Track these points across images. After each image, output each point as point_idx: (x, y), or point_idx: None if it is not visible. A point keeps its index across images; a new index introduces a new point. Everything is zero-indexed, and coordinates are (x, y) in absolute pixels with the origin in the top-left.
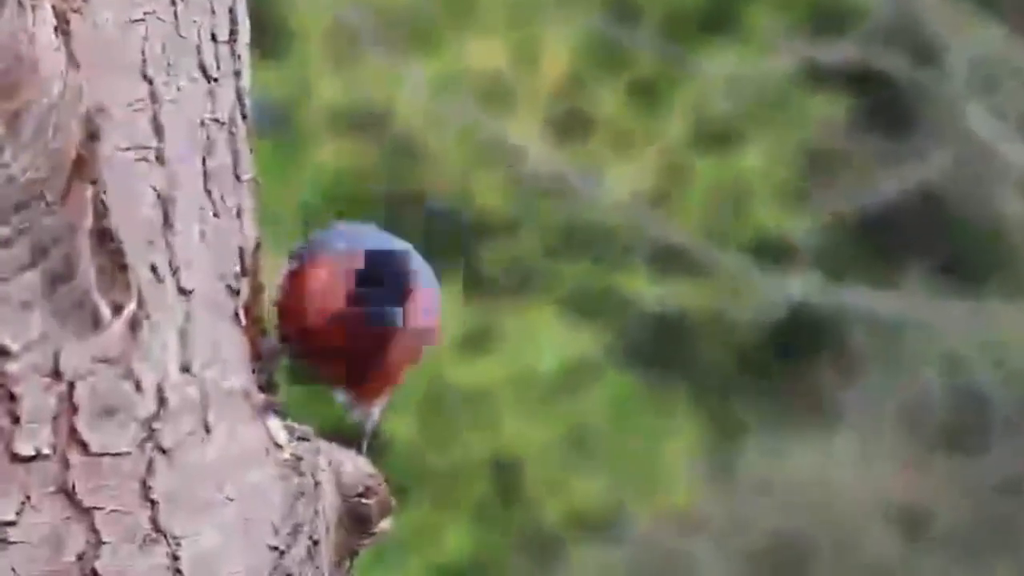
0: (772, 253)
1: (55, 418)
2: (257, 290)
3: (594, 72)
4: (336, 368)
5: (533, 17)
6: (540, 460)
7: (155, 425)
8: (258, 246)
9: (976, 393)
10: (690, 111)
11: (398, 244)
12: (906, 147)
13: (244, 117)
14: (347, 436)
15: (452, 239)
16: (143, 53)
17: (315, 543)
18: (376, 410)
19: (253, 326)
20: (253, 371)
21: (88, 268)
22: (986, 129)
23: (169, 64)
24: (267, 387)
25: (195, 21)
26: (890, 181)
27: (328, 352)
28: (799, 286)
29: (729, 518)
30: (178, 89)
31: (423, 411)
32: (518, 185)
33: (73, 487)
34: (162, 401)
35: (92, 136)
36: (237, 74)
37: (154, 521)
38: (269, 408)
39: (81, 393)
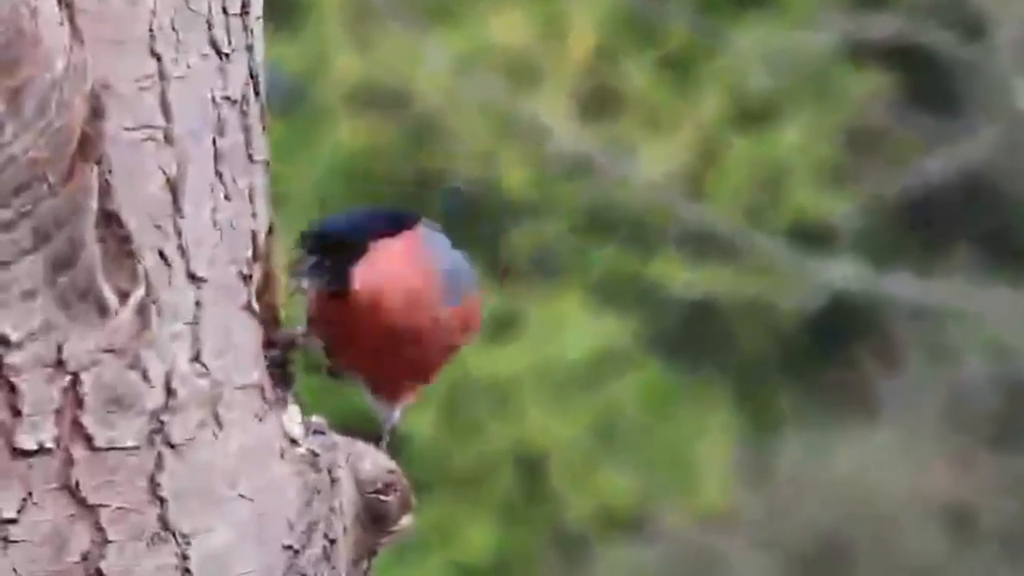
0: (811, 237)
1: (58, 411)
2: (270, 276)
3: (623, 47)
4: (377, 369)
5: None
6: (566, 454)
7: (163, 418)
8: (271, 230)
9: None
10: (724, 88)
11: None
12: (951, 126)
13: (257, 95)
14: (361, 430)
15: (474, 222)
16: (151, 27)
17: (332, 542)
18: (399, 408)
19: (266, 314)
20: (266, 360)
21: (93, 253)
22: None
23: (178, 39)
24: (282, 378)
25: None
26: (934, 161)
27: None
28: (839, 272)
29: (766, 515)
30: (188, 65)
31: (445, 403)
32: (544, 166)
33: (77, 483)
34: (171, 393)
35: (97, 114)
36: (250, 49)
37: (162, 519)
38: (284, 400)
39: (86, 384)
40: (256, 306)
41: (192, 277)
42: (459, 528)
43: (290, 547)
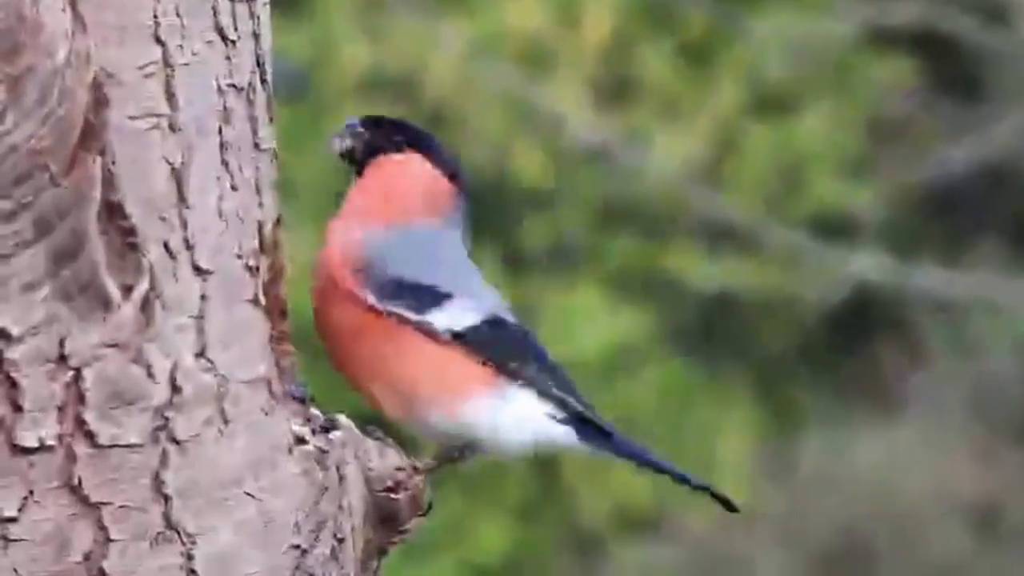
0: (832, 229)
1: (60, 407)
2: (277, 267)
3: (640, 34)
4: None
5: None
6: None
7: (168, 414)
8: (278, 221)
9: None
10: (744, 76)
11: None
12: (976, 114)
13: (263, 82)
14: (372, 423)
15: (487, 213)
16: (155, 14)
17: (340, 541)
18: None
19: (273, 306)
20: (272, 352)
21: (96, 245)
22: None
23: (183, 26)
24: (290, 373)
25: None
26: (959, 150)
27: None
28: (861, 264)
29: (787, 513)
30: (193, 53)
31: None
32: (558, 155)
33: (80, 481)
34: (176, 389)
35: (100, 103)
36: (256, 36)
37: (167, 518)
38: (291, 396)
39: (88, 380)
40: (263, 299)
41: (197, 269)
42: (472, 527)
43: (297, 547)
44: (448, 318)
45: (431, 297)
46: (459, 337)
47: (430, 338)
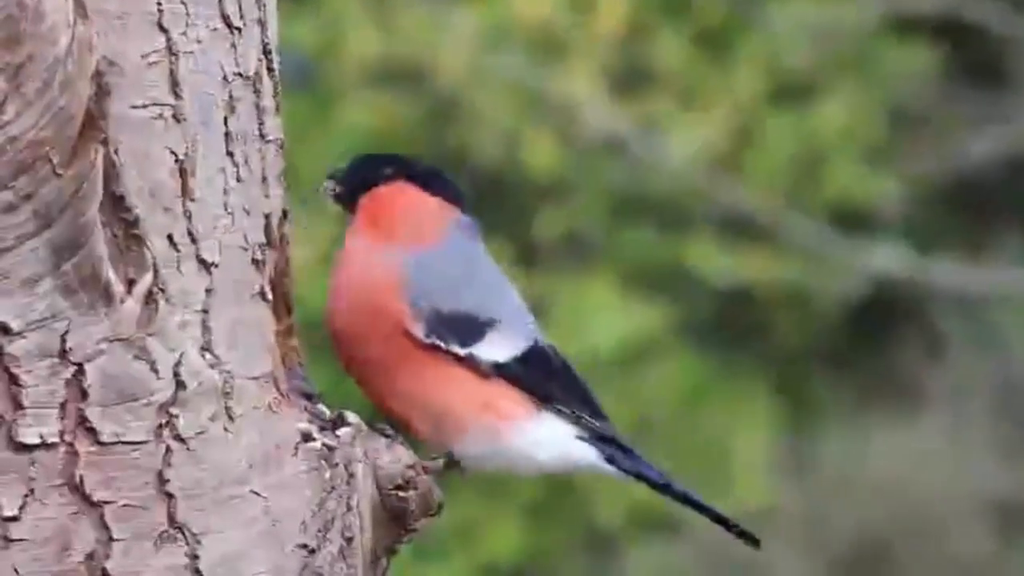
0: (853, 221)
1: (62, 404)
2: (284, 261)
3: (656, 21)
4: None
5: None
6: None
7: (172, 411)
8: (285, 214)
9: None
10: (762, 64)
11: None
12: (999, 104)
13: (270, 71)
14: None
15: (499, 205)
16: (158, 1)
17: (348, 540)
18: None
19: (279, 301)
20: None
21: (98, 238)
22: None
23: (187, 13)
24: (296, 368)
25: None
26: (982, 141)
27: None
28: (882, 257)
29: (805, 513)
30: (197, 41)
31: None
32: (572, 146)
33: (81, 479)
34: (180, 385)
35: (102, 93)
36: (262, 24)
37: (171, 517)
38: (298, 392)
39: (91, 376)
40: (269, 293)
41: (202, 263)
42: (485, 527)
43: (305, 546)
44: (491, 350)
45: (474, 329)
46: (501, 367)
47: (473, 370)
